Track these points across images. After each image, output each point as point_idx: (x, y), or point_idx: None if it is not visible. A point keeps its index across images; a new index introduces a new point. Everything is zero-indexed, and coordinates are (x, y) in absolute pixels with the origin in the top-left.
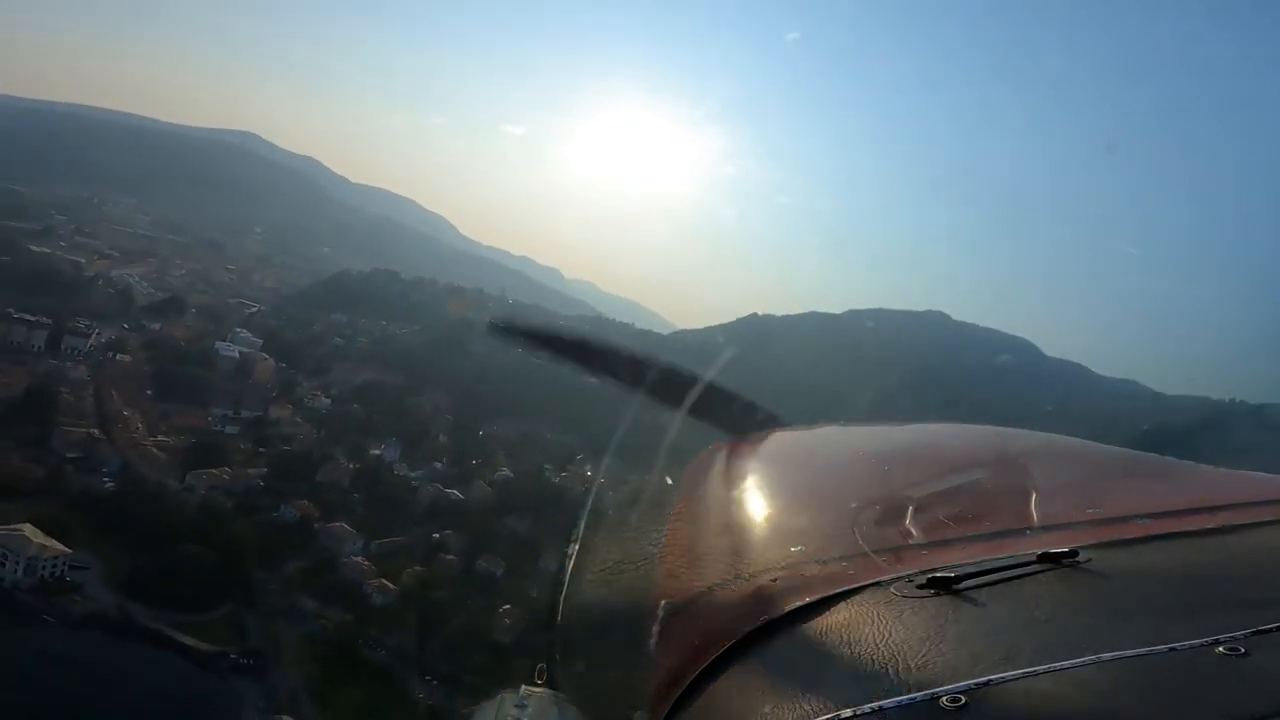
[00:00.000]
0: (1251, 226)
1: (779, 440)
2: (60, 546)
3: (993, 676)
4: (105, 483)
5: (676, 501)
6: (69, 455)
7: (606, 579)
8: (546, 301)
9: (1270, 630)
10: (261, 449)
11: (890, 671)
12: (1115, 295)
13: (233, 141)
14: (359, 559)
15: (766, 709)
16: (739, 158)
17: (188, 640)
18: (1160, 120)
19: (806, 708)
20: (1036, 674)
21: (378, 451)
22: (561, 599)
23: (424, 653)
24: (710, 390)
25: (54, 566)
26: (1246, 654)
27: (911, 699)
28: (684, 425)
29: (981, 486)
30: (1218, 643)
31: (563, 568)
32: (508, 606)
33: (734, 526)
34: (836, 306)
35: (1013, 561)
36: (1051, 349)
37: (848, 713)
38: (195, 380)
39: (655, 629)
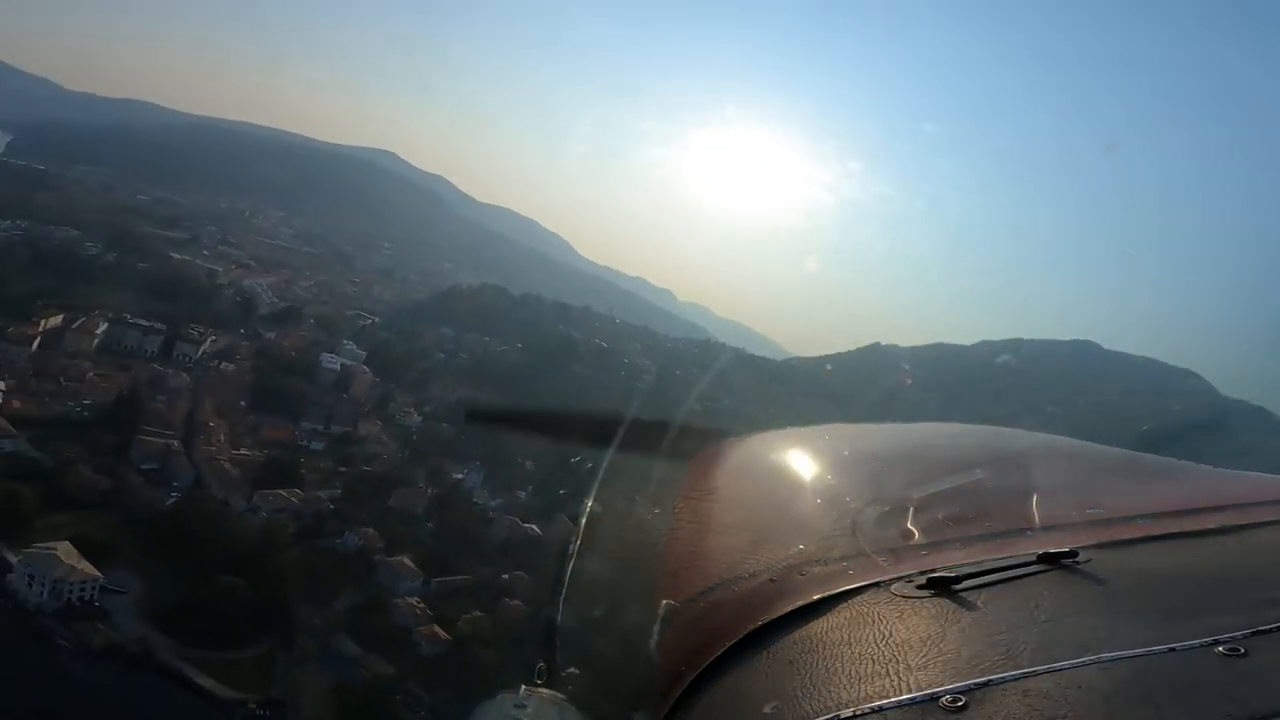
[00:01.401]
0: None
1: (779, 440)
2: (91, 570)
3: (993, 676)
4: (170, 498)
5: (677, 501)
6: (143, 466)
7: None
8: (657, 323)
9: (1270, 630)
10: (341, 468)
11: (890, 671)
12: None
13: (373, 159)
14: (414, 600)
15: (766, 709)
16: (863, 182)
17: (206, 682)
18: None
19: (806, 708)
20: (1036, 674)
21: (459, 476)
22: (561, 600)
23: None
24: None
25: (82, 590)
26: (1246, 654)
27: (911, 699)
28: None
29: (981, 486)
30: (1218, 643)
31: (563, 569)
32: (573, 670)
33: (734, 526)
34: (967, 337)
35: (1012, 562)
36: (1227, 387)
37: (848, 713)
38: (293, 392)
39: (655, 629)
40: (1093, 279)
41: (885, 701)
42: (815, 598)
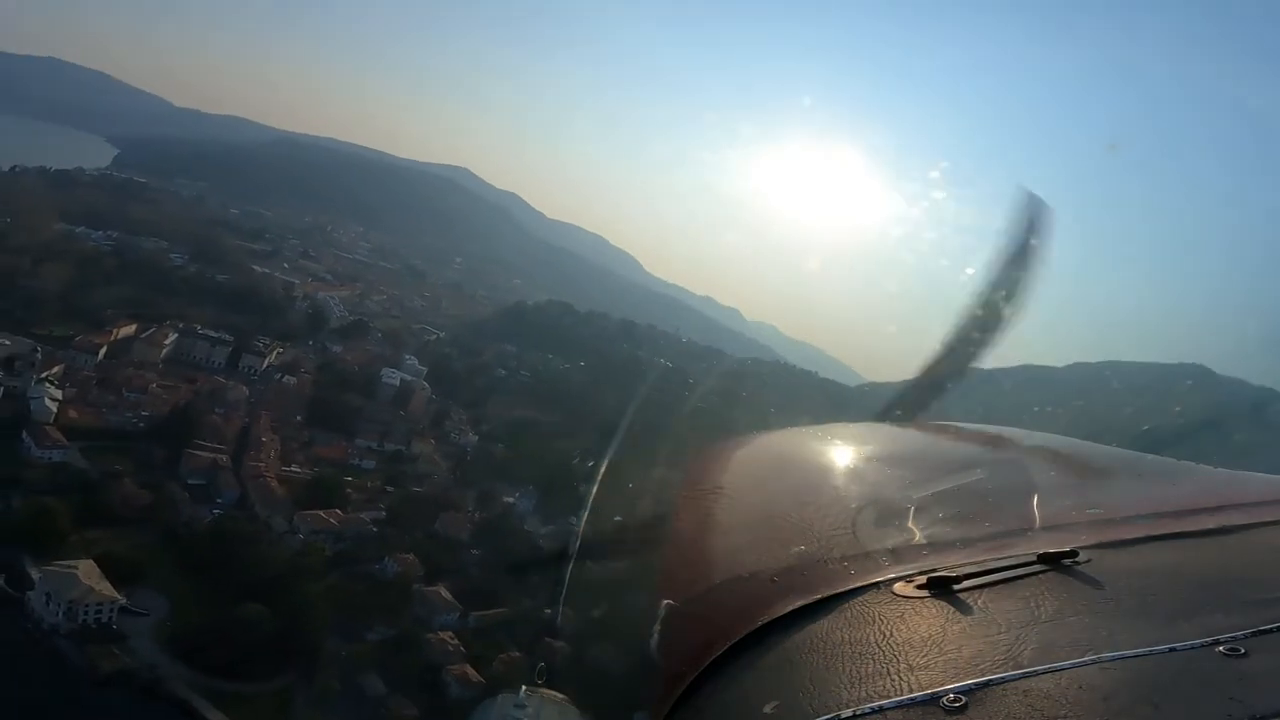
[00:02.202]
0: None
1: (779, 440)
2: (110, 592)
3: (993, 676)
4: (212, 516)
5: (677, 501)
6: (190, 481)
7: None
8: (724, 342)
9: (1270, 630)
10: (389, 488)
11: (890, 671)
12: None
13: (450, 176)
14: (449, 635)
15: (767, 709)
16: (944, 200)
17: (215, 717)
18: None
19: (807, 708)
20: (1036, 674)
21: (511, 499)
22: (561, 601)
23: None
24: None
25: (99, 612)
26: (1246, 654)
27: (912, 699)
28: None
29: (981, 486)
30: (1218, 643)
31: (563, 571)
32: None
33: (734, 526)
34: (1058, 359)
35: (1012, 562)
36: None
37: (848, 713)
38: (351, 407)
39: (656, 629)
40: (1202, 298)
41: (886, 701)
42: (816, 598)
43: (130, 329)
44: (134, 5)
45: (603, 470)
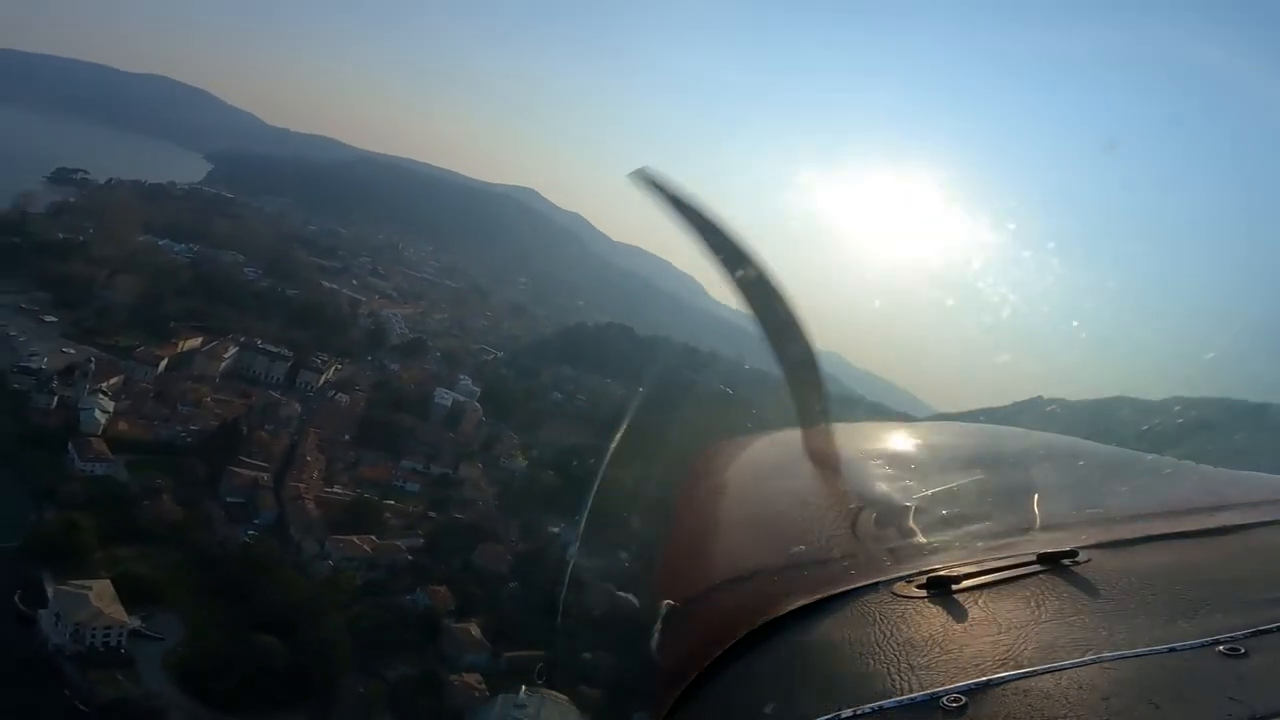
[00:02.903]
0: None
1: (779, 440)
2: (120, 615)
3: (993, 676)
4: (245, 537)
5: (677, 502)
6: (230, 499)
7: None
8: None
9: (1270, 630)
10: (431, 513)
11: (890, 671)
12: None
13: (517, 197)
14: (475, 678)
15: (767, 709)
16: (1025, 230)
17: None
18: None
19: (806, 708)
20: (1036, 674)
21: (556, 530)
22: (561, 602)
23: None
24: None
25: (106, 636)
26: (1246, 654)
27: (911, 699)
28: None
29: (981, 486)
30: (1218, 643)
31: (563, 572)
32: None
33: (734, 526)
34: (1154, 391)
35: (1012, 562)
36: None
37: (848, 713)
38: (401, 427)
39: (656, 629)
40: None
41: (886, 701)
42: (816, 598)
43: (195, 341)
44: (235, 25)
45: (651, 502)
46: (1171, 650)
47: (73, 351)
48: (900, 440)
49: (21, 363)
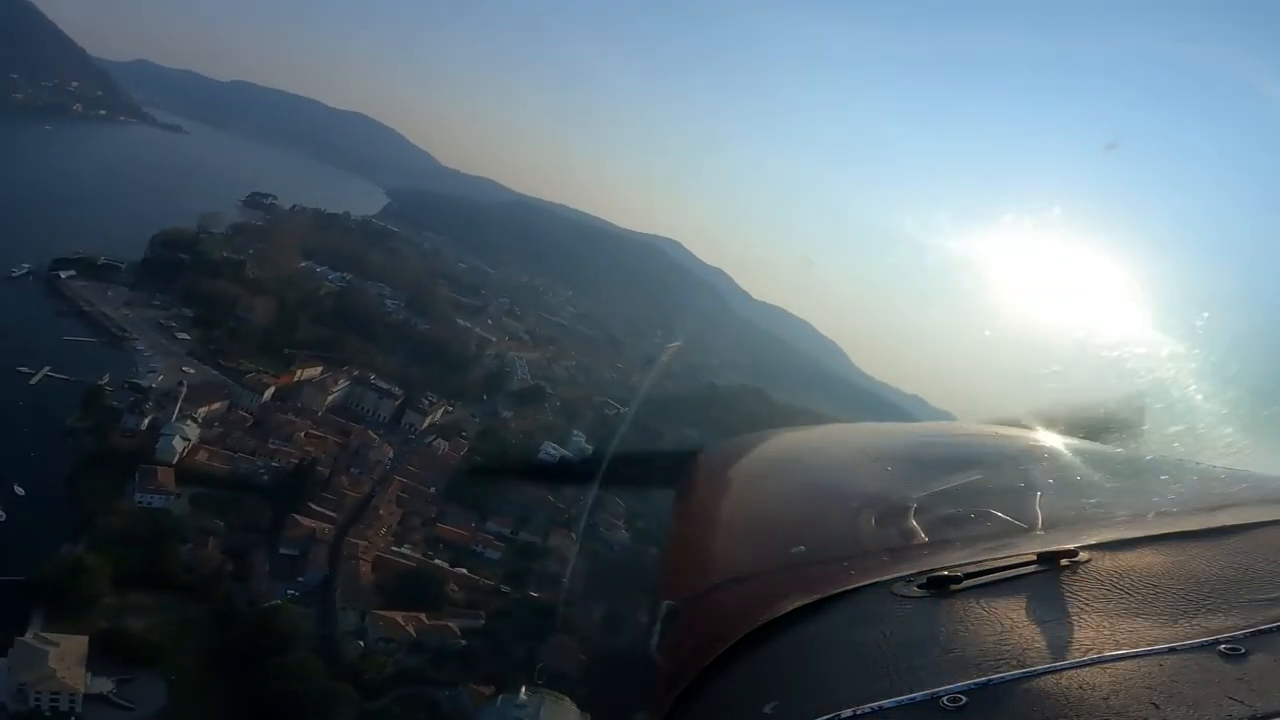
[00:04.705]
0: None
1: (779, 440)
2: (77, 681)
3: (993, 676)
4: (283, 597)
5: (677, 502)
6: (283, 550)
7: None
8: None
9: (1270, 630)
10: (504, 587)
11: (890, 671)
12: None
13: (661, 247)
14: None
15: (767, 709)
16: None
17: None
18: None
19: (806, 708)
20: (1037, 674)
21: (646, 620)
22: (561, 602)
23: None
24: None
25: (54, 701)
26: (1246, 654)
27: (911, 699)
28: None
29: (981, 486)
30: (1218, 643)
31: (563, 573)
32: None
33: (734, 526)
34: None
35: (1012, 561)
36: None
37: (848, 713)
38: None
39: (656, 628)
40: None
41: (886, 701)
42: (816, 598)
43: (314, 370)
44: (428, 71)
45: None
46: (1171, 650)
47: (192, 371)
48: (900, 440)
49: (134, 379)
